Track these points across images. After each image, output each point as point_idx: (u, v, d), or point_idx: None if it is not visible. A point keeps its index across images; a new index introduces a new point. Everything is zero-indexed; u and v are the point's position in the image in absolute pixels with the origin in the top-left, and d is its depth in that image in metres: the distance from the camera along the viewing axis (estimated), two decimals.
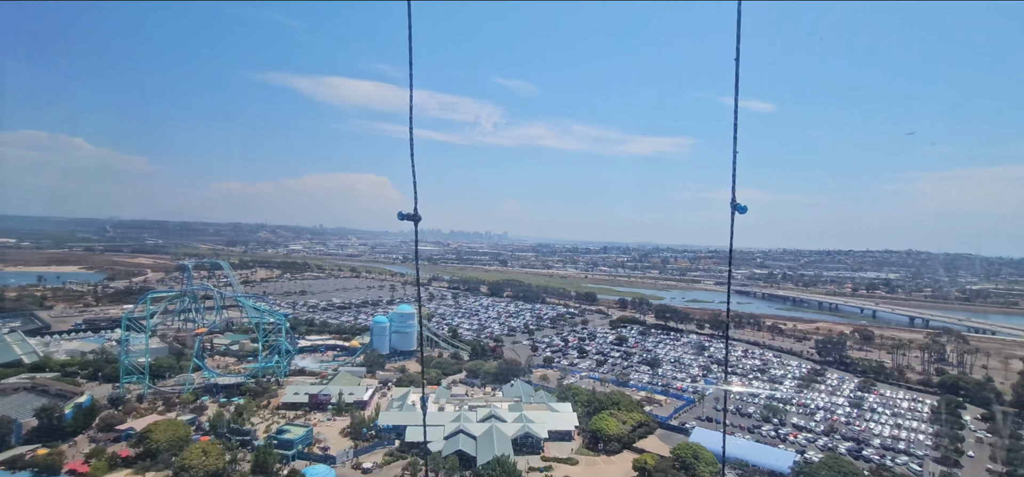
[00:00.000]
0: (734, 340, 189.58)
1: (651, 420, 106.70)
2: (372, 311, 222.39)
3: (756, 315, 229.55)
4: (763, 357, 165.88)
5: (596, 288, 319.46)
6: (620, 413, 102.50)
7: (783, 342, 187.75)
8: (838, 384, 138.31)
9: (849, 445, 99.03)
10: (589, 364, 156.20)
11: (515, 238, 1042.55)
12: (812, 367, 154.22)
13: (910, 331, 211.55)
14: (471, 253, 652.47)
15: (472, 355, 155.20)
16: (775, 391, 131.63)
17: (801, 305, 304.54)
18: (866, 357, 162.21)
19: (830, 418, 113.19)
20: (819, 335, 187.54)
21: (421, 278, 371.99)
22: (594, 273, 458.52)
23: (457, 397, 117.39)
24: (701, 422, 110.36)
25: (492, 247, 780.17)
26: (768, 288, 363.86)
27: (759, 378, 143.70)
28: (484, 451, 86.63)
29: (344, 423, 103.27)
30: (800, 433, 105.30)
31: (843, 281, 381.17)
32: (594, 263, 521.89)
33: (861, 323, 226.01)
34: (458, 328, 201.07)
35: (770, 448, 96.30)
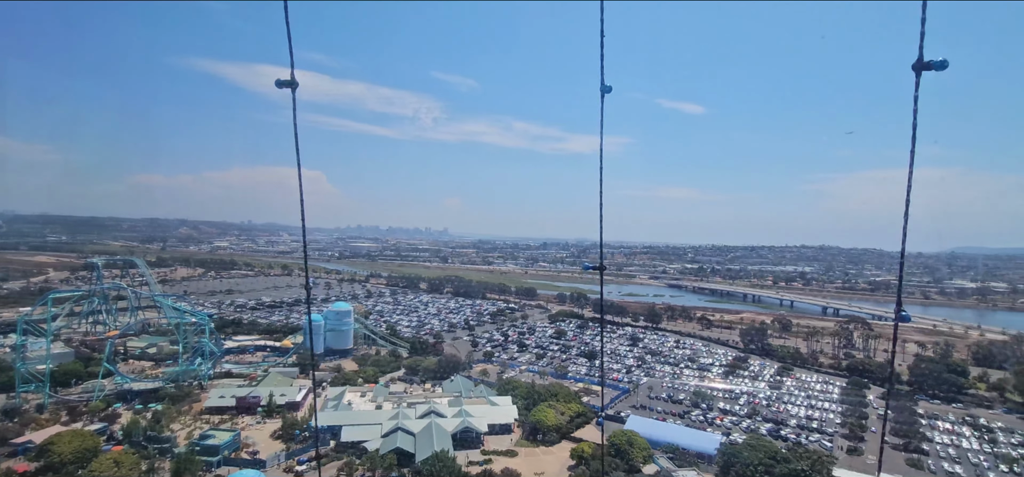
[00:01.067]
0: (665, 331, 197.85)
1: (588, 410, 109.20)
2: (306, 309, 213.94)
3: (687, 307, 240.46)
4: (693, 347, 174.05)
5: (536, 284, 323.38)
6: (558, 404, 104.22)
7: (712, 332, 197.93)
8: (760, 370, 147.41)
9: (769, 426, 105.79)
10: (529, 358, 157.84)
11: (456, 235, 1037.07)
12: (737, 355, 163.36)
13: (822, 320, 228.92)
14: (411, 250, 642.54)
15: (411, 352, 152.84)
16: (703, 378, 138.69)
17: (728, 297, 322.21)
18: (784, 344, 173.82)
19: (753, 402, 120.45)
20: (743, 325, 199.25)
21: (359, 275, 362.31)
22: (534, 269, 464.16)
23: (396, 394, 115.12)
24: (635, 410, 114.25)
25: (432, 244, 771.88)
26: (698, 282, 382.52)
27: (689, 367, 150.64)
28: (423, 447, 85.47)
29: (276, 426, 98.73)
30: (726, 417, 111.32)
31: (765, 275, 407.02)
32: (534, 259, 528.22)
33: (780, 313, 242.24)
34: (397, 325, 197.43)
35: (699, 431, 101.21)
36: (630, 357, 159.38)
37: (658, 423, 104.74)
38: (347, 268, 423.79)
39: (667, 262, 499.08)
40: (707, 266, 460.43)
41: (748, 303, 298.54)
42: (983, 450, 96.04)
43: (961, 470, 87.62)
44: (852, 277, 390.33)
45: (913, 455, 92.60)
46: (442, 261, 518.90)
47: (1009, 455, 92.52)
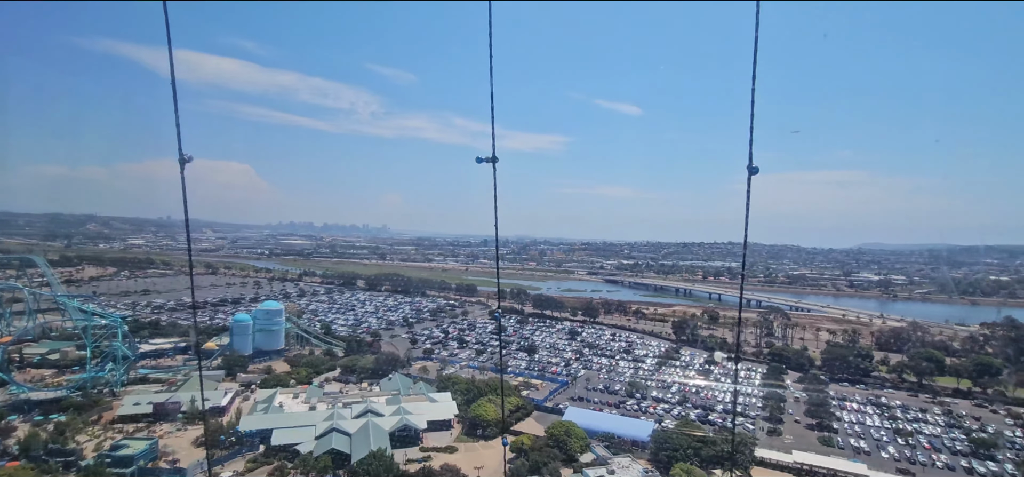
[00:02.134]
0: (602, 325, 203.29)
1: (528, 403, 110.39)
2: (233, 309, 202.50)
3: (624, 302, 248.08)
4: (629, 339, 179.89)
5: (477, 280, 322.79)
6: (498, 399, 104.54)
7: (646, 325, 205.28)
8: (690, 359, 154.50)
9: (698, 412, 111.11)
10: (469, 354, 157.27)
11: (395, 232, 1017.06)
12: (669, 346, 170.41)
13: (746, 311, 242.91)
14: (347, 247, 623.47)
15: (347, 351, 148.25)
16: (638, 369, 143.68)
17: (661, 291, 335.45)
18: (713, 335, 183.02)
19: (683, 389, 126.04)
20: (675, 318, 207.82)
21: (292, 274, 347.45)
22: (475, 265, 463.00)
23: (331, 395, 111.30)
24: (574, 402, 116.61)
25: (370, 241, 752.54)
26: (634, 277, 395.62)
27: (625, 358, 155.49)
28: (360, 447, 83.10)
29: (198, 432, 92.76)
30: (658, 405, 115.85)
31: (696, 270, 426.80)
32: (475, 256, 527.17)
33: (709, 306, 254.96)
34: (333, 324, 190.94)
35: (633, 420, 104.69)
36: (568, 350, 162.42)
37: (595, 413, 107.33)
38: (279, 266, 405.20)
39: (604, 258, 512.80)
40: (642, 262, 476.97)
41: (680, 297, 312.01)
42: (884, 426, 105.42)
43: (865, 444, 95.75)
44: (773, 271, 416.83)
45: (824, 433, 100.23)
46: (380, 258, 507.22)
47: (905, 429, 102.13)
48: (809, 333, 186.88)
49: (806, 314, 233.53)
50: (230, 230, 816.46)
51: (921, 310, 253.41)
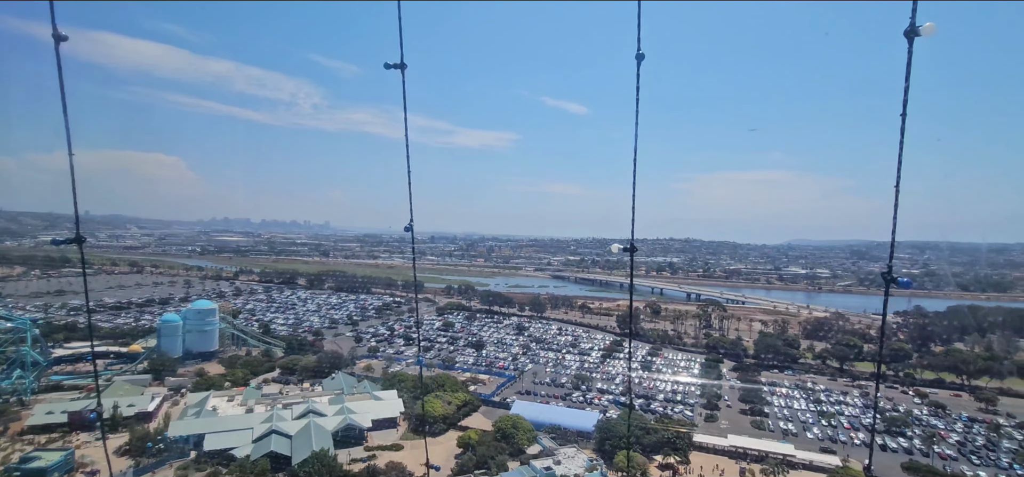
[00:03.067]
0: (549, 320, 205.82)
1: (476, 398, 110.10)
2: (161, 310, 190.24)
3: (570, 297, 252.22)
4: (575, 333, 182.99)
5: (423, 277, 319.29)
6: (446, 395, 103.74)
7: (591, 319, 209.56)
8: (633, 351, 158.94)
9: (641, 401, 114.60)
10: (416, 351, 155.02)
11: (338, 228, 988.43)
12: (614, 339, 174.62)
13: (686, 304, 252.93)
14: (287, 244, 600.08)
15: (288, 351, 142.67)
16: (584, 361, 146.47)
17: (606, 286, 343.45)
18: (655, 327, 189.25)
19: (627, 380, 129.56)
20: (620, 312, 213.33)
21: (226, 272, 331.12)
22: (422, 262, 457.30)
23: (270, 396, 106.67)
24: (521, 396, 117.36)
25: (312, 238, 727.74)
26: (580, 273, 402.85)
27: (571, 351, 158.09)
28: (301, 449, 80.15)
29: (122, 440, 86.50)
30: (603, 396, 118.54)
31: (639, 265, 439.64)
32: (421, 253, 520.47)
33: (652, 299, 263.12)
34: (272, 324, 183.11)
35: (579, 411, 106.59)
36: (516, 345, 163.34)
37: (542, 406, 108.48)
38: (212, 264, 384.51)
39: (551, 255, 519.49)
40: (588, 258, 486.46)
41: (624, 291, 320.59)
42: (809, 409, 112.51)
43: (793, 427, 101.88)
44: (711, 266, 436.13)
45: (757, 417, 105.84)
46: (323, 256, 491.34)
47: (828, 411, 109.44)
48: (744, 324, 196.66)
49: (741, 306, 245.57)
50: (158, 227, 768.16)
51: (843, 301, 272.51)
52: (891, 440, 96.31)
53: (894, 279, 8.66)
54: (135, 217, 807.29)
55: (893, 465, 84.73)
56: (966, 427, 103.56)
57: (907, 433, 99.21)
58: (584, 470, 76.98)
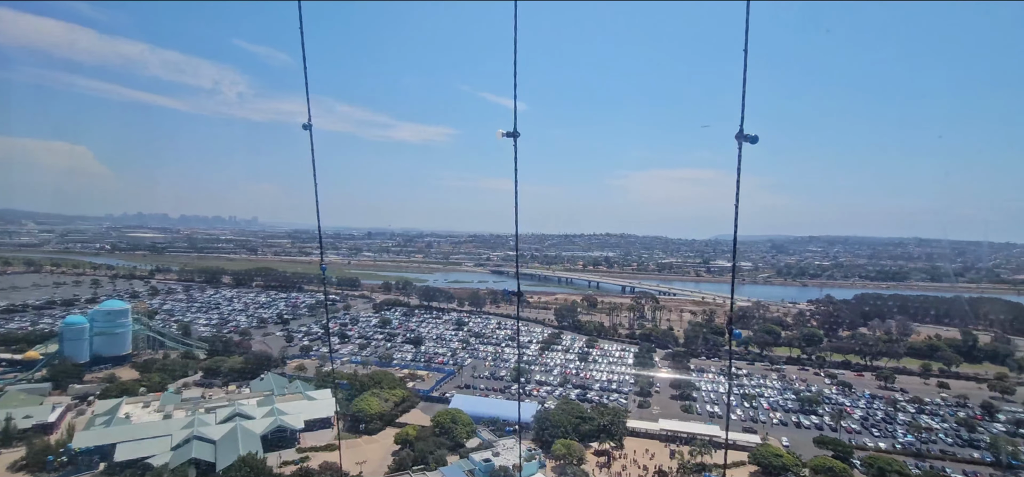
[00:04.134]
0: (489, 314, 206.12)
1: (414, 394, 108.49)
2: (64, 312, 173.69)
3: (509, 291, 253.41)
4: (514, 327, 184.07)
5: (360, 273, 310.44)
6: (383, 392, 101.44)
7: (530, 313, 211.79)
8: (571, 343, 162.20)
9: (578, 391, 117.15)
10: (351, 349, 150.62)
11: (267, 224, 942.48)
12: (552, 331, 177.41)
13: (621, 297, 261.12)
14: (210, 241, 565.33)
15: (211, 352, 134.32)
16: (522, 355, 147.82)
17: (545, 280, 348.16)
18: (591, 320, 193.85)
19: (564, 371, 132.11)
20: (558, 305, 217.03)
21: (140, 270, 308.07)
22: (359, 259, 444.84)
23: (191, 401, 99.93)
24: (460, 390, 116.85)
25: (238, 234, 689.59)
26: (520, 267, 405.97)
27: (511, 345, 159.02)
28: (226, 454, 75.66)
29: (18, 454, 78.25)
30: (541, 387, 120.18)
31: (577, 259, 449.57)
32: (358, 249, 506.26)
33: (589, 293, 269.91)
34: (193, 324, 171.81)
35: (516, 403, 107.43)
36: (455, 340, 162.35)
37: (481, 399, 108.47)
38: (124, 262, 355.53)
39: (491, 250, 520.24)
40: (528, 253, 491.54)
41: (562, 285, 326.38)
42: (733, 392, 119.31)
43: (718, 410, 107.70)
44: (645, 260, 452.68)
45: (686, 402, 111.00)
46: (251, 252, 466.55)
47: (750, 394, 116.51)
48: (675, 315, 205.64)
49: (673, 298, 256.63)
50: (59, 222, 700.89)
51: (763, 291, 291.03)
52: (805, 418, 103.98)
53: None
54: (32, 211, 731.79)
55: (806, 441, 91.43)
56: (868, 404, 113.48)
57: (818, 411, 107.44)
58: (523, 459, 77.67)
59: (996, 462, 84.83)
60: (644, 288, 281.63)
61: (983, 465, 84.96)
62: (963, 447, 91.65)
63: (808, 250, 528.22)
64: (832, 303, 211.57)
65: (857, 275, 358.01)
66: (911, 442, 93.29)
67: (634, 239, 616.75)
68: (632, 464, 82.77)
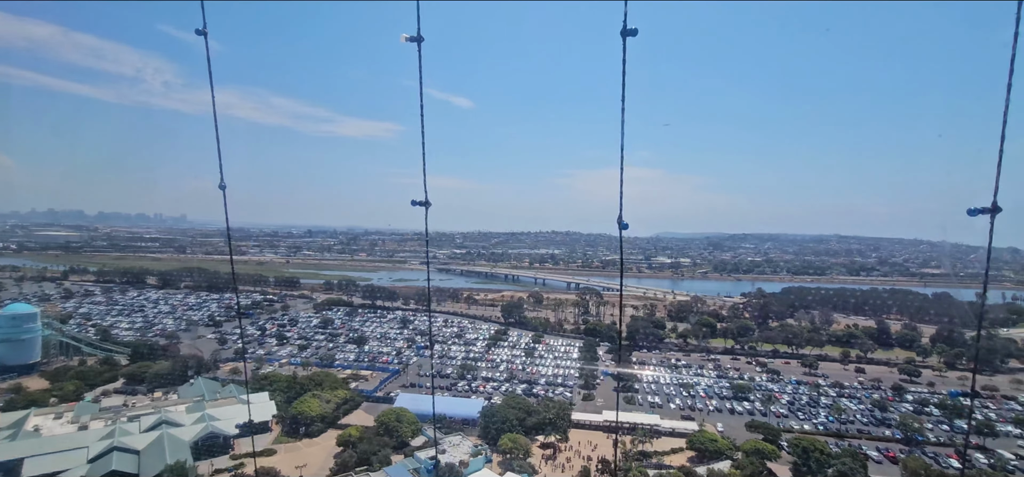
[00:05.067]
0: (435, 312, 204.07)
1: (357, 395, 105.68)
2: None
3: (455, 289, 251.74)
4: (461, 325, 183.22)
5: (300, 273, 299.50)
6: (324, 393, 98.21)
7: (477, 310, 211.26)
8: (517, 339, 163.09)
9: (524, 386, 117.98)
10: (290, 350, 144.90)
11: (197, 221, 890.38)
12: (498, 328, 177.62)
13: (567, 293, 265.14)
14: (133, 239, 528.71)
15: (134, 357, 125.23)
16: (469, 352, 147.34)
17: (492, 278, 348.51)
18: (538, 316, 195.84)
19: (511, 367, 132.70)
20: (504, 302, 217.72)
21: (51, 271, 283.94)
22: (298, 258, 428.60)
23: (111, 410, 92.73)
24: (406, 389, 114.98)
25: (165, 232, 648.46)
26: (466, 265, 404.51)
27: (457, 342, 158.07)
28: (151, 464, 70.89)
29: None
30: (488, 383, 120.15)
31: (523, 257, 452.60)
32: (298, 247, 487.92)
33: (535, 289, 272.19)
34: (113, 328, 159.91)
35: (464, 399, 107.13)
36: (400, 339, 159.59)
37: (426, 397, 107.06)
38: (32, 263, 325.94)
39: (437, 248, 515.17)
40: (474, 251, 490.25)
41: (509, 283, 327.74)
42: (673, 382, 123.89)
43: (658, 399, 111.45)
44: (590, 257, 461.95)
45: (628, 393, 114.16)
46: (179, 252, 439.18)
47: (688, 383, 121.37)
48: (618, 309, 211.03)
49: (616, 294, 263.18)
50: None
51: (701, 286, 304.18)
52: (738, 404, 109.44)
53: None
54: None
55: (739, 426, 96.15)
56: (794, 389, 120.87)
57: (750, 397, 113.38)
58: (469, 456, 77.32)
59: (905, 438, 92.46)
60: (589, 284, 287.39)
61: (894, 441, 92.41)
62: (877, 426, 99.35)
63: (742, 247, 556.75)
64: (763, 296, 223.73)
65: (785, 270, 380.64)
66: (832, 422, 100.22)
67: (579, 237, 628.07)
68: (576, 456, 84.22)
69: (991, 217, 7.02)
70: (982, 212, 7.16)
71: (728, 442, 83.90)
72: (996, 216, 7.03)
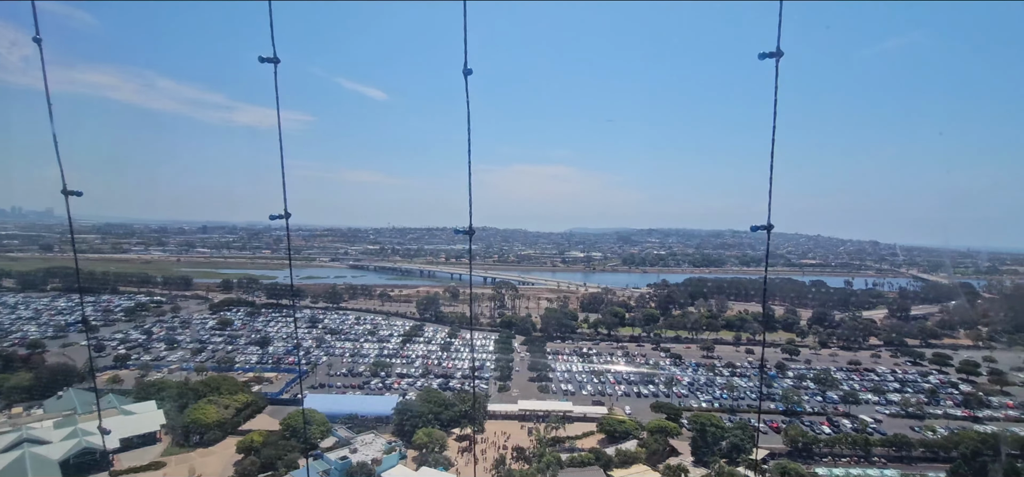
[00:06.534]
0: (347, 310, 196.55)
1: (260, 398, 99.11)
2: None
3: (369, 285, 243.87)
4: (374, 321, 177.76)
5: (193, 271, 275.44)
6: (222, 399, 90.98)
7: (392, 306, 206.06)
8: (433, 335, 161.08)
9: (440, 380, 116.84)
10: (183, 354, 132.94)
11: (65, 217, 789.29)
12: (414, 324, 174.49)
13: (483, 288, 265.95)
14: None
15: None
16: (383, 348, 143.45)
17: (407, 274, 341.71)
18: (454, 311, 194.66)
19: (426, 362, 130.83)
20: (420, 297, 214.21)
21: None
22: (191, 255, 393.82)
23: None
24: (314, 389, 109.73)
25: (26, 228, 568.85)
26: (380, 261, 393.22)
27: (370, 340, 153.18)
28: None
29: None
30: (403, 380, 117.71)
31: (439, 252, 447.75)
32: (191, 244, 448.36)
33: (451, 285, 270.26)
34: None
35: (377, 397, 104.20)
36: (309, 339, 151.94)
37: (337, 397, 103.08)
38: None
39: (350, 244, 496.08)
40: (389, 247, 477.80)
41: (424, 278, 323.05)
42: (584, 370, 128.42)
43: (571, 387, 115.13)
44: (506, 252, 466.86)
45: (543, 382, 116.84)
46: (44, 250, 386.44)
47: (599, 370, 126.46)
48: (533, 302, 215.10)
49: (531, 287, 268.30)
50: None
51: (611, 278, 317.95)
52: (644, 388, 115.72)
53: None
54: None
55: (645, 407, 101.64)
56: (694, 371, 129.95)
57: (655, 381, 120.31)
58: (382, 453, 75.18)
59: (786, 410, 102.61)
60: (505, 278, 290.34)
61: (777, 413, 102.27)
62: (764, 400, 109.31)
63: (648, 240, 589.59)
64: (667, 287, 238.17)
65: (687, 262, 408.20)
66: (726, 399, 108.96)
67: (495, 232, 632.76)
68: (491, 446, 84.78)
69: (767, 233, 8.24)
70: (761, 229, 8.34)
71: (635, 423, 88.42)
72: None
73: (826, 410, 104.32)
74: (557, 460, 73.43)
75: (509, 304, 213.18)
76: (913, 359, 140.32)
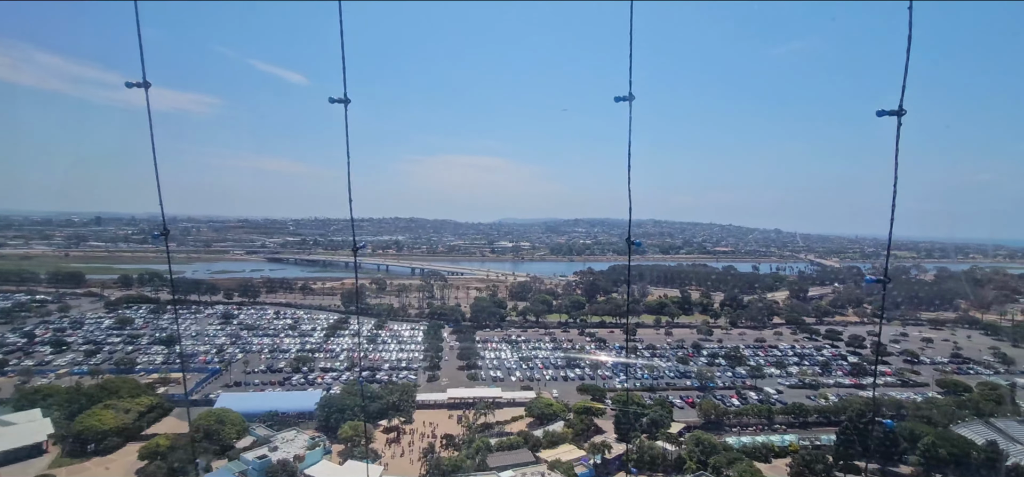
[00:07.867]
0: (265, 305, 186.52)
1: (166, 401, 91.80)
2: None
3: (289, 279, 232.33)
4: (295, 316, 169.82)
5: (85, 267, 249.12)
6: (122, 403, 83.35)
7: (314, 300, 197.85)
8: (359, 327, 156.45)
9: (367, 373, 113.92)
10: (74, 357, 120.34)
11: None
12: (338, 317, 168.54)
13: (411, 279, 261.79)
14: None
15: None
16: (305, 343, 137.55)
17: (330, 266, 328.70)
18: (381, 302, 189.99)
19: (352, 355, 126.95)
20: (345, 290, 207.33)
21: None
22: (81, 250, 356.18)
23: None
24: (229, 388, 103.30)
25: None
26: (301, 254, 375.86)
27: (291, 335, 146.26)
28: None
29: None
30: (327, 374, 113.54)
31: (365, 243, 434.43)
32: (82, 238, 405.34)
33: (378, 276, 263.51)
34: None
35: (299, 393, 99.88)
36: (222, 336, 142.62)
37: (255, 395, 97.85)
38: None
39: (267, 236, 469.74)
40: (310, 239, 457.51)
41: (349, 270, 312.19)
42: (513, 357, 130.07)
43: (500, 373, 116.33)
44: (434, 242, 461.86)
45: (472, 370, 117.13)
46: None
47: (527, 356, 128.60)
48: (462, 292, 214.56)
49: (460, 277, 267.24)
50: None
51: (540, 267, 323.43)
52: (570, 372, 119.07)
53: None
54: None
55: (572, 390, 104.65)
56: (617, 354, 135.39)
57: (581, 365, 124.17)
58: (305, 449, 72.22)
59: (701, 386, 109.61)
60: (433, 269, 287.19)
61: (693, 390, 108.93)
62: (681, 378, 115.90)
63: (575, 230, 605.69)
64: (592, 274, 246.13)
65: (612, 251, 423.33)
66: (646, 379, 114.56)
67: (423, 223, 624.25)
68: (419, 437, 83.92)
69: (629, 250, 9.24)
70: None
71: (562, 405, 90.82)
72: None
73: (735, 384, 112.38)
74: (486, 445, 73.96)
75: (438, 295, 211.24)
76: (810, 335, 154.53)
